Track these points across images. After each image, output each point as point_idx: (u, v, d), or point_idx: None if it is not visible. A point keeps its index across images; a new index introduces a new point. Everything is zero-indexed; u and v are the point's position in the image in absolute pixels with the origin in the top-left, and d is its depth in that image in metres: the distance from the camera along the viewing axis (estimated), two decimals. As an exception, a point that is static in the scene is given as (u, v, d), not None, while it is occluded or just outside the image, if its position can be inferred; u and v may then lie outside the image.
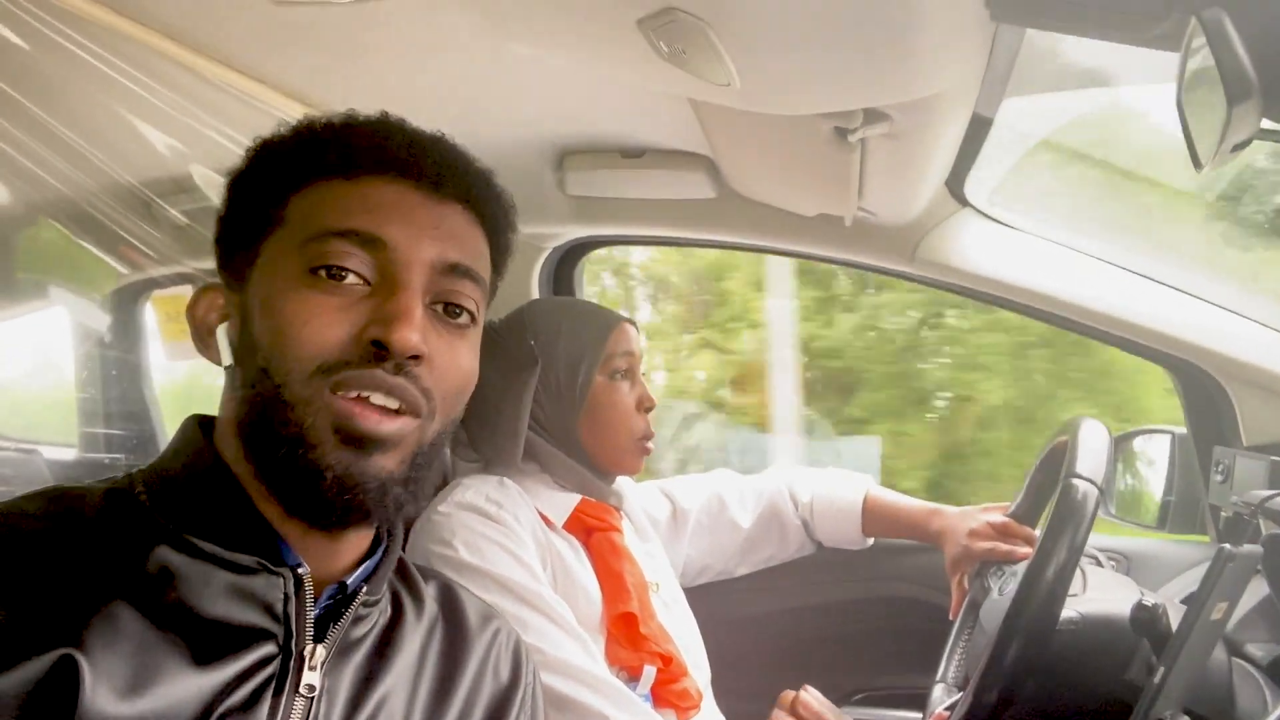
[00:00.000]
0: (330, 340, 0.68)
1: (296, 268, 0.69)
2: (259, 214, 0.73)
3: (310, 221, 0.71)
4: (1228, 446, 1.39)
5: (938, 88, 0.93)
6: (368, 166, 0.72)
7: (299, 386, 0.67)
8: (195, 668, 0.62)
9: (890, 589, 1.65)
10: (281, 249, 0.71)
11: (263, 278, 0.71)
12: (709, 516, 1.55)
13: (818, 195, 1.40)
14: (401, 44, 1.09)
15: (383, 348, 0.68)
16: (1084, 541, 0.99)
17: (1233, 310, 1.38)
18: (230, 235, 0.75)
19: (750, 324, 3.85)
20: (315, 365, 0.67)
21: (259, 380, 0.68)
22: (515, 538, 1.15)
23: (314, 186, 0.72)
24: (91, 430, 2.10)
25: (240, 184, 0.76)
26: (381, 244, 0.70)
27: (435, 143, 0.77)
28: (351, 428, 0.67)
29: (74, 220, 1.73)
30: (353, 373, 0.68)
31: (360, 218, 0.70)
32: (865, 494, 1.52)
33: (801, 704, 1.13)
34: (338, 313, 0.69)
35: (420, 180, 0.73)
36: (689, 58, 0.84)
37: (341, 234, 0.69)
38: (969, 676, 1.11)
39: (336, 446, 0.67)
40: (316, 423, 0.67)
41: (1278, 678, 1.11)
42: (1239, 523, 1.30)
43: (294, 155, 0.74)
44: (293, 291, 0.69)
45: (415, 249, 0.71)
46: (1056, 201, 1.79)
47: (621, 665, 1.19)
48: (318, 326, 0.68)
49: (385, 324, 0.68)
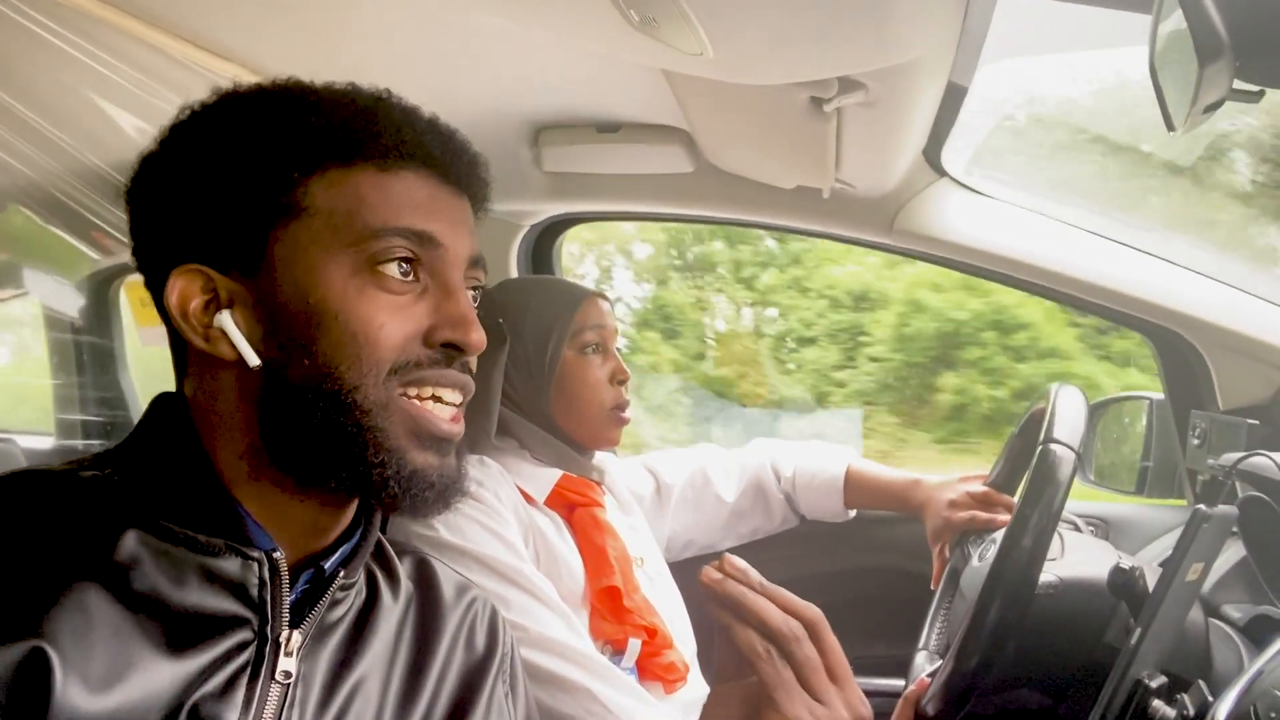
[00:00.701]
0: (400, 341, 0.68)
1: (351, 267, 0.68)
2: (264, 194, 0.67)
3: (356, 217, 0.68)
4: (1204, 411, 1.41)
5: (911, 53, 0.93)
6: (404, 158, 0.70)
7: (374, 391, 0.67)
8: (169, 655, 0.61)
9: (873, 560, 1.67)
10: (318, 243, 0.67)
11: (299, 272, 0.67)
12: (693, 491, 1.56)
13: (795, 167, 1.40)
14: (372, 19, 1.07)
15: (456, 349, 0.71)
16: (1061, 506, 1.00)
17: (1208, 275, 1.39)
18: (217, 212, 0.68)
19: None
20: (389, 367, 0.68)
21: (323, 386, 0.67)
22: (496, 516, 1.15)
23: (339, 172, 0.68)
24: (68, 417, 2.08)
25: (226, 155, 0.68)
26: (436, 242, 0.70)
27: (454, 135, 0.75)
28: (431, 431, 0.70)
29: (44, 206, 1.70)
30: (427, 372, 0.70)
31: (413, 214, 0.69)
32: (847, 467, 1.53)
33: (728, 561, 1.13)
34: (404, 312, 0.69)
35: (448, 176, 0.73)
36: (660, 26, 0.83)
37: (401, 232, 0.68)
38: (950, 644, 1.12)
39: (419, 449, 0.70)
40: (392, 426, 0.68)
41: (1255, 637, 1.13)
42: (1216, 486, 1.32)
43: (307, 133, 0.68)
44: (358, 294, 0.67)
45: (459, 245, 0.72)
46: (1033, 169, 1.80)
47: (606, 639, 1.19)
48: (393, 329, 0.68)
49: (456, 327, 0.70)
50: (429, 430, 0.70)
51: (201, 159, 0.69)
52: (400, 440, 0.68)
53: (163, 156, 0.70)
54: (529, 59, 1.19)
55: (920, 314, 4.34)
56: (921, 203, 1.46)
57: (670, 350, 4.82)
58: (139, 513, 0.65)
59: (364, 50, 1.15)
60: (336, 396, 0.67)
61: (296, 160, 0.68)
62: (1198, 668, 1.06)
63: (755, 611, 0.78)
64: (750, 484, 1.57)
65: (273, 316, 0.68)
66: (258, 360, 0.67)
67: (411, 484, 0.69)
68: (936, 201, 1.47)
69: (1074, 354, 4.09)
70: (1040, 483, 1.01)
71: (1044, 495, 1.00)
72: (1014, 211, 1.48)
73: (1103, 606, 1.08)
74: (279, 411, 0.68)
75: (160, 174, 0.70)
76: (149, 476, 0.68)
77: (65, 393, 2.11)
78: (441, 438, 0.71)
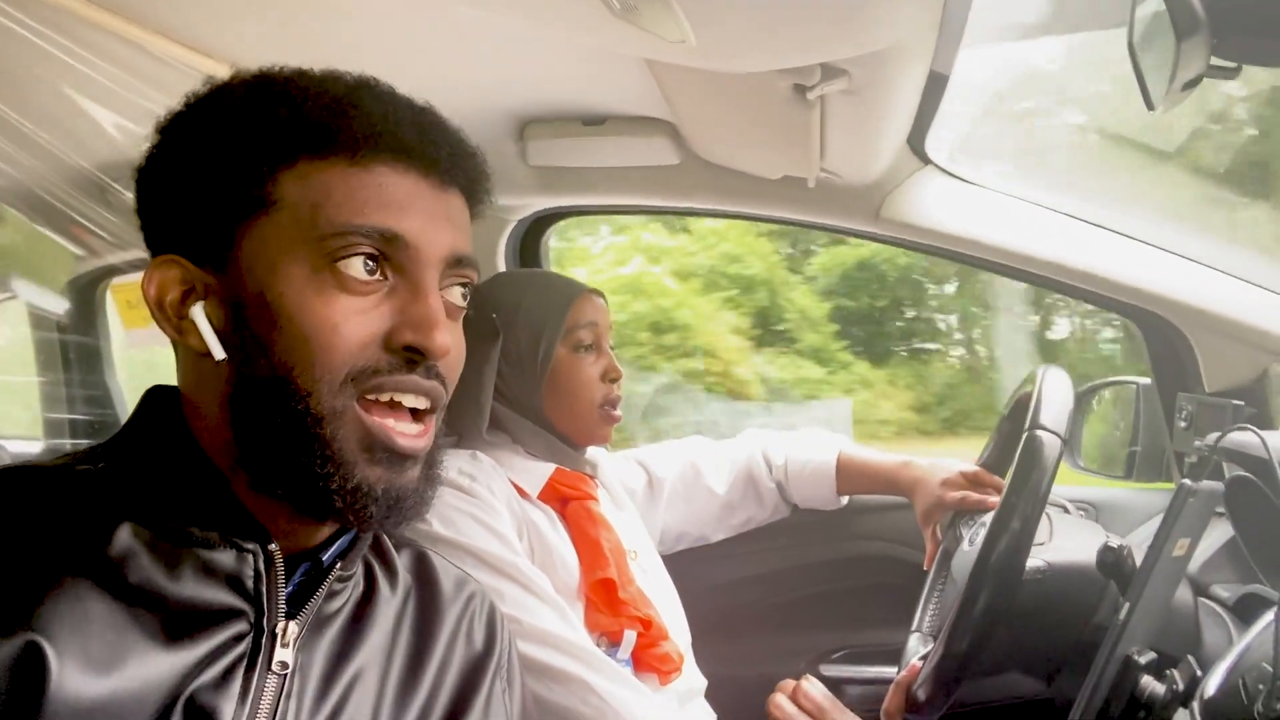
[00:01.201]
0: (358, 345, 0.65)
1: (311, 265, 0.65)
2: (235, 188, 0.66)
3: (320, 212, 0.65)
4: (1190, 394, 1.42)
5: (893, 39, 0.93)
6: (378, 151, 0.67)
7: (329, 398, 0.65)
8: (165, 647, 0.61)
9: (866, 548, 1.67)
10: (282, 239, 0.65)
11: (262, 268, 0.66)
12: (684, 484, 1.56)
13: (780, 157, 1.40)
14: (356, 14, 1.07)
15: (416, 352, 0.67)
16: (1047, 492, 1.01)
17: (1191, 259, 1.40)
18: (192, 206, 0.68)
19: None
20: (345, 373, 0.65)
21: (276, 389, 0.65)
22: (489, 510, 1.15)
23: (310, 165, 0.66)
24: (56, 417, 2.07)
25: (201, 149, 0.68)
26: (404, 242, 0.67)
27: (439, 124, 0.72)
28: (385, 444, 0.67)
29: (28, 206, 1.69)
30: (386, 379, 0.67)
31: (380, 212, 0.66)
32: (838, 454, 1.53)
33: (802, 694, 1.14)
34: (364, 315, 0.66)
35: (431, 170, 0.69)
36: (641, 13, 0.83)
37: (364, 232, 0.65)
38: (942, 626, 1.13)
39: (370, 464, 0.66)
40: (346, 436, 0.66)
41: (1243, 616, 1.14)
42: (1203, 466, 1.33)
43: (277, 125, 0.67)
44: (315, 294, 0.65)
45: (433, 245, 0.68)
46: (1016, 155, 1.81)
47: (602, 631, 1.19)
48: (347, 332, 0.65)
49: (418, 329, 0.66)
50: (383, 443, 0.67)
51: (178, 152, 0.69)
52: (351, 452, 0.66)
53: (152, 150, 0.71)
54: (513, 53, 1.19)
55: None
56: (907, 191, 1.47)
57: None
58: (133, 506, 0.65)
59: (348, 45, 1.15)
60: (290, 403, 0.65)
61: (265, 153, 0.66)
62: (1187, 645, 1.07)
63: None
64: (741, 475, 1.57)
65: (238, 312, 0.67)
66: (223, 354, 0.67)
67: (354, 498, 0.66)
68: (922, 189, 1.47)
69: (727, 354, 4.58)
70: (1026, 469, 1.01)
71: (1030, 481, 1.01)
72: (999, 198, 1.49)
73: (1091, 589, 1.09)
74: (244, 411, 0.67)
75: (148, 167, 0.71)
76: (142, 469, 0.68)
77: (51, 392, 2.10)
78: (397, 452, 0.67)
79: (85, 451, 0.71)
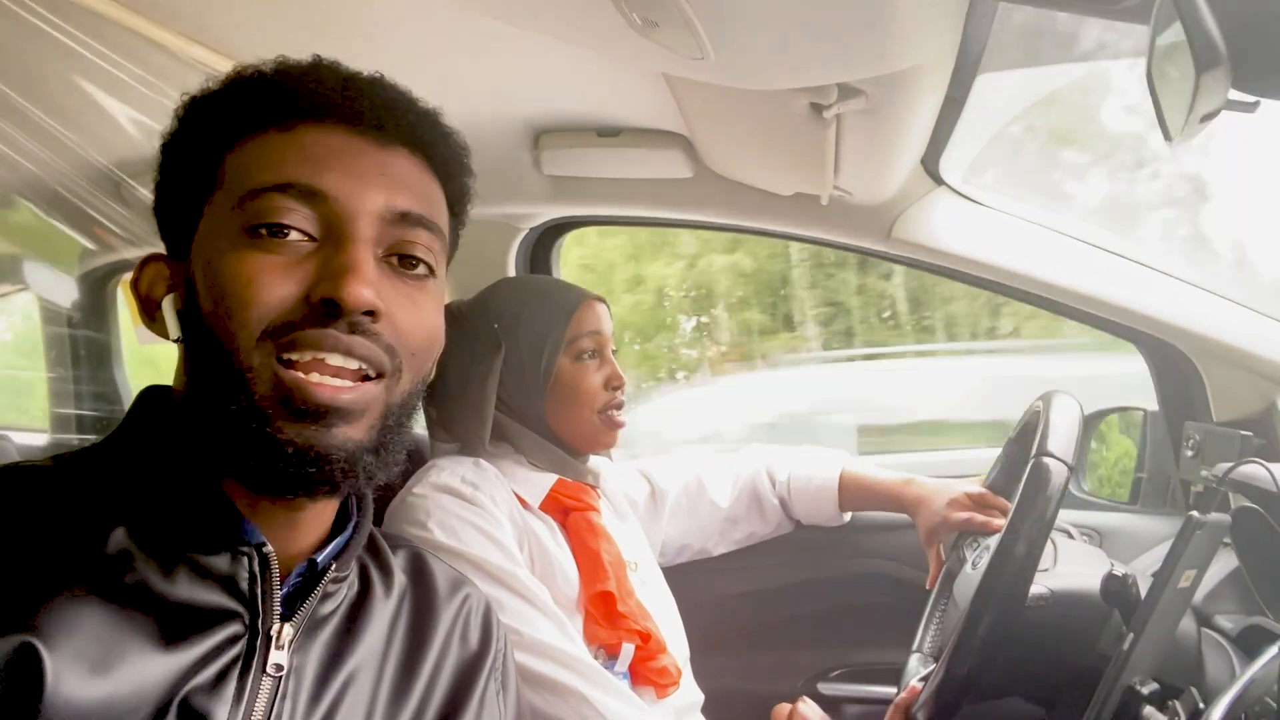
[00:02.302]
0: (275, 300, 0.64)
1: (234, 228, 0.65)
2: (195, 177, 0.69)
3: (245, 179, 0.66)
4: (1198, 422, 1.41)
5: (912, 62, 0.93)
6: (302, 114, 0.68)
7: (246, 354, 0.64)
8: (160, 648, 0.61)
9: (867, 566, 1.67)
10: (219, 212, 0.67)
11: (204, 243, 0.67)
12: (688, 497, 1.56)
13: (794, 174, 1.40)
14: (374, 20, 1.08)
15: (334, 305, 0.64)
16: (1053, 519, 1.01)
17: (1202, 287, 1.39)
18: (168, 202, 0.71)
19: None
20: (261, 328, 0.64)
21: (206, 349, 0.65)
22: (491, 519, 1.15)
23: (250, 142, 0.68)
24: (63, 412, 2.07)
25: (173, 146, 0.71)
26: (322, 196, 0.66)
27: (373, 84, 0.72)
28: (305, 398, 0.64)
29: (43, 200, 1.70)
30: (304, 334, 0.64)
31: (296, 169, 0.66)
32: (841, 470, 1.53)
33: (799, 716, 1.13)
34: (282, 271, 0.65)
35: (360, 125, 0.69)
36: (661, 29, 0.83)
37: (279, 188, 0.65)
38: (943, 648, 1.12)
39: (291, 419, 0.64)
40: (265, 394, 0.64)
41: (1246, 648, 1.13)
42: (1209, 496, 1.32)
43: (225, 110, 0.69)
44: (232, 252, 0.65)
45: (360, 198, 0.67)
46: (1030, 179, 1.81)
47: (600, 643, 1.19)
48: (260, 286, 0.64)
49: (333, 279, 0.64)
50: (302, 397, 0.64)
51: (165, 150, 0.72)
52: (272, 407, 0.64)
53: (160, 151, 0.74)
54: (530, 63, 1.19)
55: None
56: (919, 211, 1.47)
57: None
58: (128, 507, 0.65)
59: (365, 52, 1.14)
60: (217, 363, 0.64)
61: (214, 138, 0.69)
62: (1190, 676, 1.07)
63: None
64: (745, 489, 1.57)
65: (189, 291, 0.68)
66: (177, 332, 0.69)
67: (278, 458, 0.64)
68: (934, 210, 1.47)
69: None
70: (1032, 495, 1.01)
71: (1036, 507, 1.00)
72: (1011, 221, 1.49)
73: (1095, 616, 1.08)
74: (193, 388, 0.68)
75: (158, 168, 0.74)
76: (136, 470, 0.68)
77: (60, 387, 2.10)
78: (317, 404, 0.64)
79: (82, 451, 0.71)
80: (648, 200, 1.61)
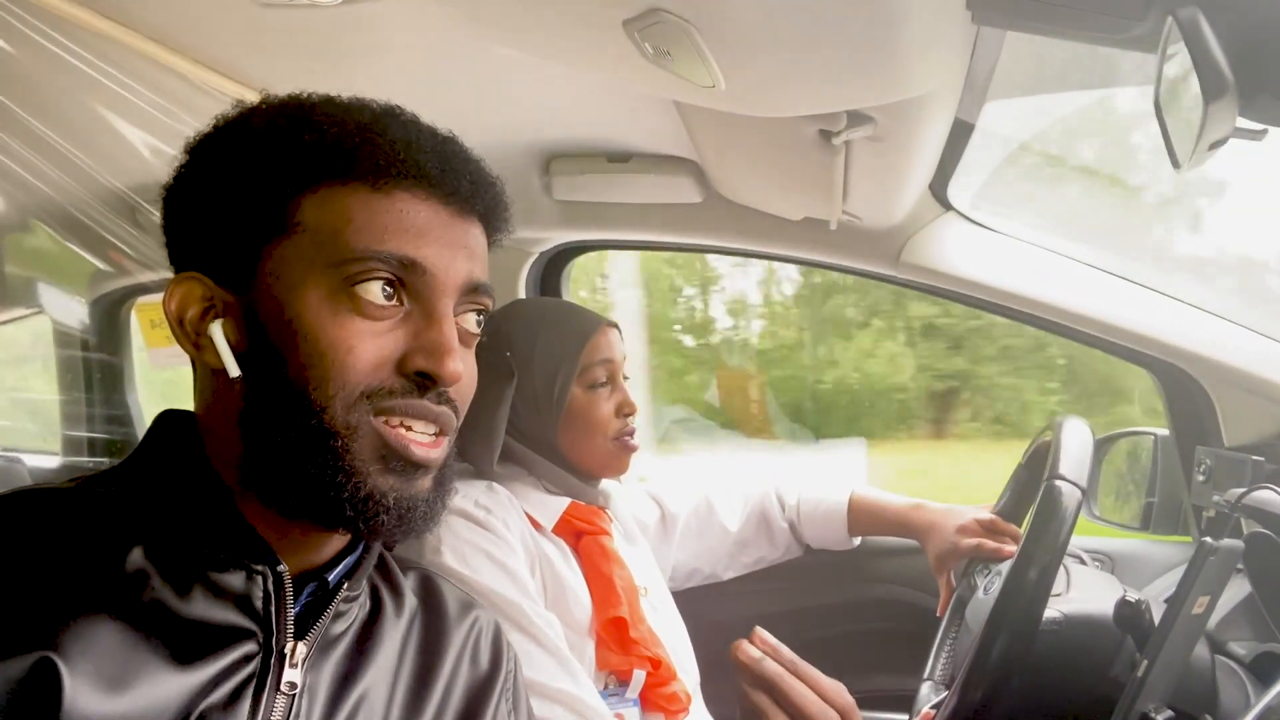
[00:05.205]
0: (372, 368, 0.67)
1: (327, 285, 0.66)
2: (258, 211, 0.68)
3: (341, 237, 0.66)
4: (1209, 447, 1.41)
5: (920, 90, 0.94)
6: (399, 178, 0.68)
7: (343, 413, 0.66)
8: (176, 667, 0.61)
9: (877, 591, 1.66)
10: (303, 261, 0.67)
11: (281, 289, 0.67)
12: (698, 520, 1.56)
13: (803, 199, 1.41)
14: (388, 47, 1.09)
15: (427, 378, 0.68)
16: (1065, 543, 1.00)
17: (1213, 312, 1.39)
18: (216, 226, 0.69)
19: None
20: (359, 392, 0.66)
21: (293, 404, 0.66)
22: (504, 545, 1.14)
23: (332, 190, 0.67)
24: (75, 435, 2.08)
25: (226, 171, 0.69)
26: (421, 269, 0.68)
27: (460, 154, 0.73)
28: (400, 454, 0.68)
29: (60, 225, 1.72)
30: (398, 401, 0.68)
31: (398, 239, 0.67)
32: (851, 495, 1.53)
33: (756, 636, 1.11)
34: (378, 338, 0.67)
35: (451, 198, 0.70)
36: (674, 59, 0.85)
37: (383, 258, 0.67)
38: (955, 675, 1.12)
39: (383, 472, 0.67)
40: (361, 448, 0.67)
41: (1260, 674, 1.12)
42: (1221, 522, 1.32)
43: (300, 150, 0.68)
44: (332, 315, 0.66)
45: (451, 272, 0.70)
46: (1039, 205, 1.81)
47: (611, 669, 1.18)
48: (361, 354, 0.66)
49: (430, 356, 0.68)
50: (398, 453, 0.68)
51: (205, 173, 0.70)
52: (365, 462, 0.67)
53: (180, 170, 0.72)
54: (541, 89, 1.21)
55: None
56: (928, 236, 1.48)
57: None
58: (145, 527, 0.66)
59: (379, 77, 1.17)
60: (304, 417, 0.66)
61: (288, 177, 0.68)
62: (1203, 703, 1.06)
63: (794, 699, 0.80)
64: (754, 513, 1.57)
65: (256, 331, 0.68)
66: (237, 370, 0.68)
67: (366, 506, 0.67)
68: (942, 235, 1.48)
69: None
70: (1045, 519, 1.01)
71: (1049, 532, 1.00)
72: (1019, 246, 1.50)
73: (1108, 642, 1.07)
74: (256, 427, 0.68)
75: (175, 187, 0.72)
76: (154, 492, 0.69)
77: (73, 410, 2.12)
78: (412, 461, 0.68)
79: (100, 474, 0.71)
80: (658, 225, 1.62)
